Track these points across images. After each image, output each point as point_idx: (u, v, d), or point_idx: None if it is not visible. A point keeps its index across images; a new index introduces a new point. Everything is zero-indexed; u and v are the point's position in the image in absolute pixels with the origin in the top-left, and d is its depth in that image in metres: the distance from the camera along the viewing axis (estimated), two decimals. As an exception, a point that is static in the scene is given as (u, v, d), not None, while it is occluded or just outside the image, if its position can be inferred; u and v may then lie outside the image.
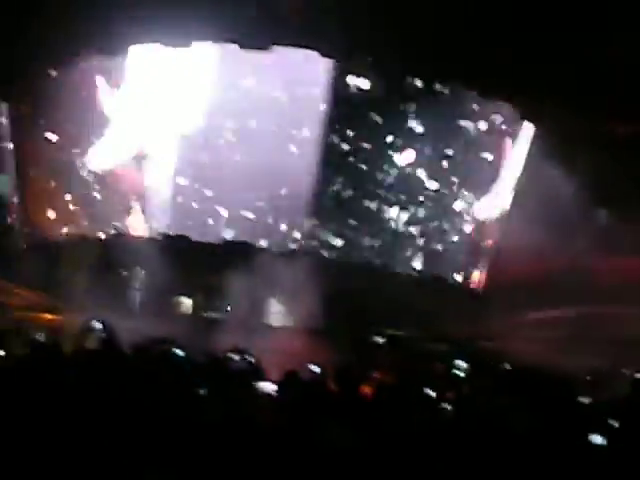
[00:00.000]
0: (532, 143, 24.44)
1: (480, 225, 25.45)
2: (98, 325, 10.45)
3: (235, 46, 23.01)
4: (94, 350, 9.92)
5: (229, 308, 23.05)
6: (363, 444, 5.06)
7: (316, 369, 8.82)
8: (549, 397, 8.45)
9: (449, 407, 7.53)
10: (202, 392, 7.48)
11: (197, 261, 22.65)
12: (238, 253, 23.42)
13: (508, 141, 25.23)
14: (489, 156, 25.20)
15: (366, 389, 7.92)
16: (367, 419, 6.12)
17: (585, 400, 8.54)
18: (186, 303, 24.03)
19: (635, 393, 9.70)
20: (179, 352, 10.78)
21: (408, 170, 24.97)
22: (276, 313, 23.34)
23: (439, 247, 25.33)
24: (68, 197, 25.46)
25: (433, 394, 8.07)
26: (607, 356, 17.62)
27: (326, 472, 4.71)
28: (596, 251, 22.26)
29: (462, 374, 11.75)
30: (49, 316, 20.99)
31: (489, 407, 7.49)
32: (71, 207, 25.48)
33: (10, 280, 22.35)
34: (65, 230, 25.39)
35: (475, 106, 24.71)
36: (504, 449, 6.11)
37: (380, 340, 9.43)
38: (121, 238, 24.73)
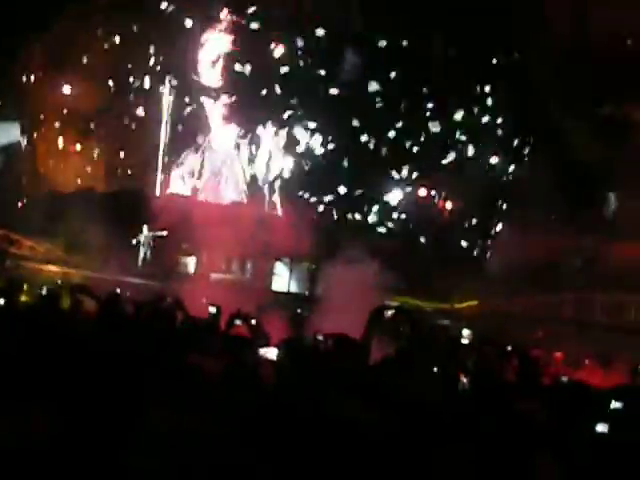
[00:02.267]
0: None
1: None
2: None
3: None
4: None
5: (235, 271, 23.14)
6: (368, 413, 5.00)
7: (319, 336, 8.78)
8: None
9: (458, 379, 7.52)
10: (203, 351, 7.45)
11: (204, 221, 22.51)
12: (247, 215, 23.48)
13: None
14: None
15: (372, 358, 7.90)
16: (369, 388, 6.07)
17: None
18: (191, 263, 24.01)
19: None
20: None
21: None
22: (282, 278, 23.33)
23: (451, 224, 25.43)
24: (78, 149, 25.46)
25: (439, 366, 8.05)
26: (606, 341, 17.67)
27: (326, 439, 4.65)
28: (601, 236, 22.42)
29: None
30: (55, 268, 20.99)
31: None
32: (81, 161, 25.48)
33: (18, 231, 22.35)
34: (74, 183, 25.38)
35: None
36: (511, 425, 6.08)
37: (388, 311, 9.40)
38: (129, 195, 24.71)
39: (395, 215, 25.24)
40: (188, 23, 24.98)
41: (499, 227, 25.53)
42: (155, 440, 5.37)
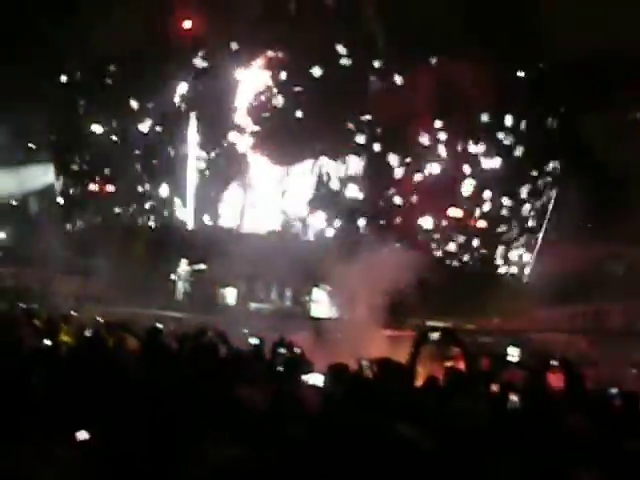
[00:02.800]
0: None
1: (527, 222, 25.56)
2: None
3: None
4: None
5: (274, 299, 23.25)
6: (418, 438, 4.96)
7: (364, 362, 8.76)
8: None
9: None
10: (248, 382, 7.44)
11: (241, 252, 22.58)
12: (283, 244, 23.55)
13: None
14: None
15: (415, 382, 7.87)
16: (420, 412, 6.04)
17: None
18: (230, 294, 24.05)
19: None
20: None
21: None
22: (322, 304, 23.31)
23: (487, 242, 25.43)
24: (111, 189, 25.72)
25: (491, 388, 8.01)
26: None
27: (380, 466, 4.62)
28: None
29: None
30: (98, 306, 21.06)
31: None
32: (115, 198, 25.74)
33: (55, 269, 22.51)
34: (109, 220, 25.60)
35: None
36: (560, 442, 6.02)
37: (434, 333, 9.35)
38: (166, 229, 24.88)
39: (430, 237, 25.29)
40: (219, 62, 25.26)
41: (537, 239, 25.44)
42: (202, 475, 5.37)
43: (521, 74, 25.21)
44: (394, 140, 25.11)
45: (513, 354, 12.73)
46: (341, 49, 25.00)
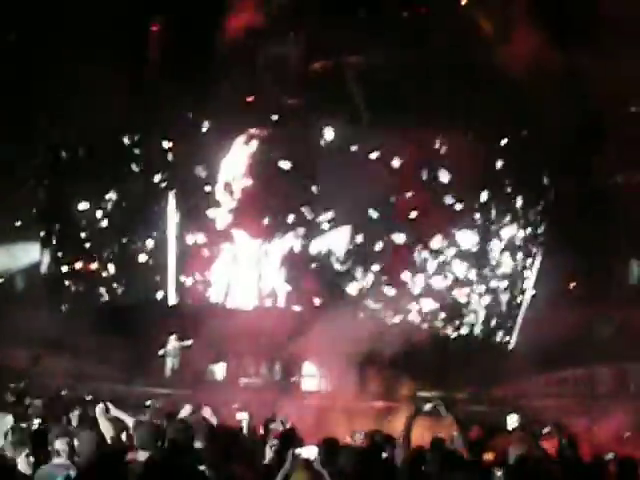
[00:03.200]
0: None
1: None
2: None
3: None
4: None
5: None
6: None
7: (359, 435, 8.72)
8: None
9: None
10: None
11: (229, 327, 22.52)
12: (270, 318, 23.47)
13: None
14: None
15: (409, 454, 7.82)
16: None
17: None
18: (219, 370, 23.91)
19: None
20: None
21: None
22: (312, 377, 23.20)
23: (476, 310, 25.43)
24: (96, 267, 25.69)
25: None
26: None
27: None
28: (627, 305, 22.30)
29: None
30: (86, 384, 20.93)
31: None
32: (102, 275, 25.67)
33: (44, 348, 22.38)
34: (97, 297, 25.51)
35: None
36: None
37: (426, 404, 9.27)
38: (152, 306, 24.80)
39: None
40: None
41: (523, 304, 25.45)
42: None
43: (502, 142, 25.35)
44: (378, 215, 25.20)
45: (512, 422, 12.64)
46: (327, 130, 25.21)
